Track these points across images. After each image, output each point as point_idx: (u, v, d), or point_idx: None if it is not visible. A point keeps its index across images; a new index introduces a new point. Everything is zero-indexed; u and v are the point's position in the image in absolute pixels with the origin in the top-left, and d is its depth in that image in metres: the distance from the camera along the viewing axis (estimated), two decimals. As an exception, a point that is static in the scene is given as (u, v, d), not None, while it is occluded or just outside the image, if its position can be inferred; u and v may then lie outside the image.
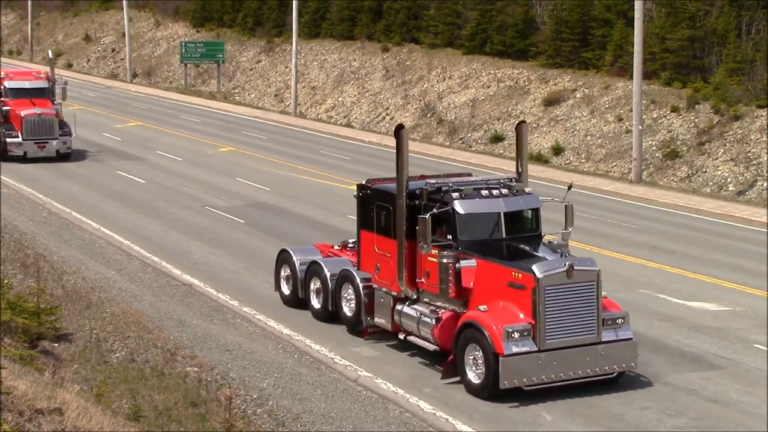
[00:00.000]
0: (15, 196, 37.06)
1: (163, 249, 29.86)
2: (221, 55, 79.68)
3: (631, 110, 46.39)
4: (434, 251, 19.51)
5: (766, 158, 43.77)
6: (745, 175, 43.88)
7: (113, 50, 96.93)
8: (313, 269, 23.09)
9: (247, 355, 20.79)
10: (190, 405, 18.01)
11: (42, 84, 45.79)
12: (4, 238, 29.53)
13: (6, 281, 23.46)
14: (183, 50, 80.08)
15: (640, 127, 44.42)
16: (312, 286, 23.13)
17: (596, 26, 56.92)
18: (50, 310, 21.76)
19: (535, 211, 20.70)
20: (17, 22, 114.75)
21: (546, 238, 20.77)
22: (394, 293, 20.75)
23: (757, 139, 45.01)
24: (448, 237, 19.66)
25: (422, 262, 20.04)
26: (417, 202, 20.10)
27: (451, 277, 19.26)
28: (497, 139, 55.98)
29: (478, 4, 64.16)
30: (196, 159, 46.98)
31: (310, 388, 19.11)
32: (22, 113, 44.17)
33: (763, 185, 42.70)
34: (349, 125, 64.52)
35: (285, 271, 24.13)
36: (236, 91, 79.51)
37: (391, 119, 64.56)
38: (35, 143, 44.54)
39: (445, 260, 19.29)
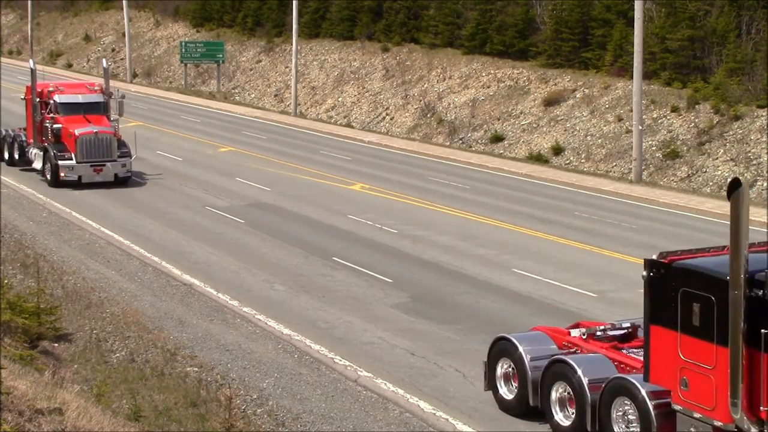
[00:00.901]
0: (15, 196, 37.07)
1: (163, 249, 29.86)
2: (221, 55, 79.68)
3: (631, 110, 46.39)
4: None
5: (766, 158, 43.78)
6: (745, 175, 43.87)
7: (113, 50, 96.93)
8: (557, 370, 16.72)
9: (247, 355, 20.79)
10: (190, 405, 18.01)
11: (97, 98, 41.02)
12: (4, 238, 29.54)
13: (6, 281, 23.47)
14: (183, 50, 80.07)
15: (640, 127, 44.41)
16: (554, 395, 16.80)
17: (596, 26, 56.93)
18: (50, 310, 21.77)
19: None
20: (17, 22, 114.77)
21: None
22: (718, 423, 14.28)
23: (757, 139, 45.02)
24: None
25: None
26: (762, 292, 13.96)
27: None
28: (497, 139, 55.98)
29: (478, 4, 64.16)
30: (196, 159, 46.97)
31: (310, 388, 19.11)
32: (77, 132, 38.86)
33: (763, 185, 42.70)
34: (349, 125, 64.52)
35: (504, 367, 17.91)
36: (236, 91, 79.51)
37: (391, 119, 64.58)
38: (91, 166, 39.15)
39: None
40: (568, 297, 25.28)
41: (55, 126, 39.33)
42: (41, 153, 40.18)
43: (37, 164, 40.70)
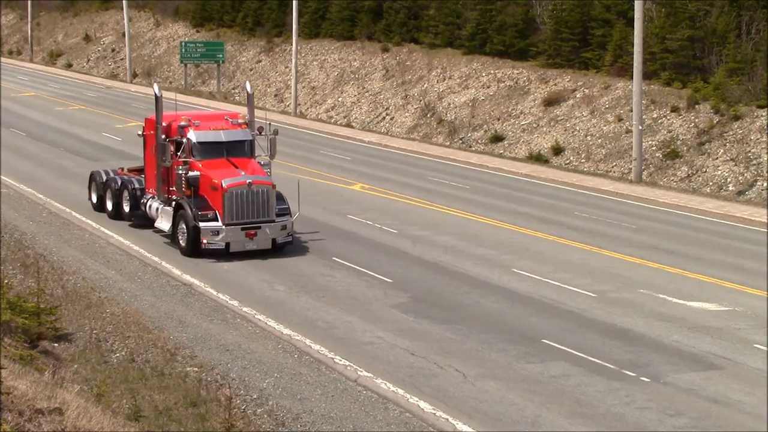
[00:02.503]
0: (15, 196, 37.05)
1: (163, 249, 29.85)
2: (221, 55, 79.68)
3: (631, 110, 46.40)
4: None
5: (766, 158, 43.78)
6: (745, 175, 43.88)
7: (113, 50, 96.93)
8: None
9: (247, 355, 20.79)
10: (190, 405, 18.01)
11: (242, 134, 30.79)
12: (4, 238, 29.54)
13: (6, 281, 23.45)
14: (183, 50, 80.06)
15: (640, 127, 44.41)
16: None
17: (596, 26, 56.93)
18: (50, 310, 21.77)
19: None
20: (17, 22, 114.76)
21: None
22: None
23: (757, 139, 45.02)
24: None
25: None
26: None
27: None
28: (497, 139, 55.99)
29: (478, 4, 64.17)
30: (196, 159, 46.87)
31: (310, 388, 19.11)
32: (224, 182, 28.75)
33: (763, 185, 42.70)
34: (349, 125, 64.52)
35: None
36: (236, 91, 79.50)
37: (391, 119, 64.57)
38: (242, 229, 28.87)
39: None
40: (568, 297, 25.28)
41: (191, 174, 29.30)
42: (168, 209, 30.13)
43: (163, 224, 30.43)
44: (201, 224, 28.69)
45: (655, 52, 51.51)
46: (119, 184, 33.25)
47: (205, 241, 28.73)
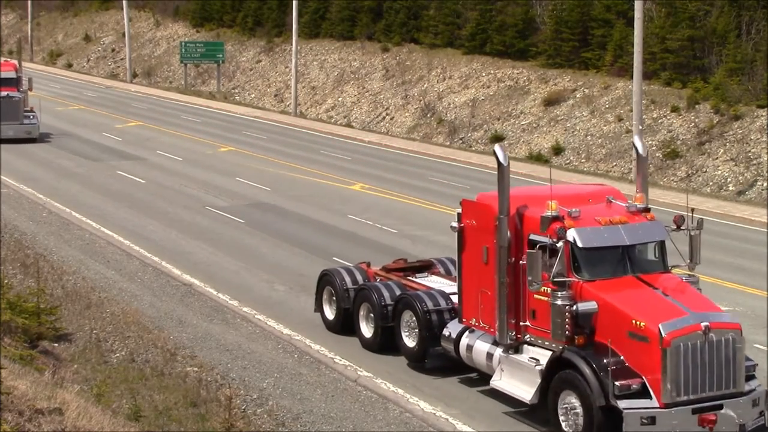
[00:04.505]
0: (15, 196, 37.05)
1: (163, 249, 29.85)
2: (221, 55, 79.69)
3: (631, 110, 46.38)
4: None
5: (766, 158, 43.78)
6: (745, 175, 43.88)
7: (113, 50, 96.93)
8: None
9: (247, 355, 20.79)
10: (190, 405, 18.02)
11: (654, 231, 18.91)
12: (4, 238, 29.54)
13: (6, 281, 23.47)
14: (183, 50, 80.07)
15: (640, 127, 44.40)
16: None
17: (596, 26, 56.92)
18: (50, 310, 21.78)
19: None
20: (17, 22, 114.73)
21: None
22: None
23: (757, 139, 45.02)
24: None
25: None
26: None
27: None
28: (497, 139, 55.96)
29: (478, 4, 64.15)
30: (196, 159, 46.96)
31: (310, 388, 19.11)
32: (663, 328, 16.29)
33: (763, 185, 42.70)
34: (349, 125, 64.52)
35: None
36: (236, 91, 79.50)
37: (391, 119, 64.58)
38: (694, 412, 16.43)
39: None
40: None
41: (584, 307, 17.00)
42: (526, 363, 17.88)
43: (515, 388, 17.96)
44: (623, 405, 16.09)
45: (655, 52, 51.50)
46: (394, 299, 20.92)
47: None
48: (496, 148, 19.38)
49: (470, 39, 64.11)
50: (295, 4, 66.69)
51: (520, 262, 17.70)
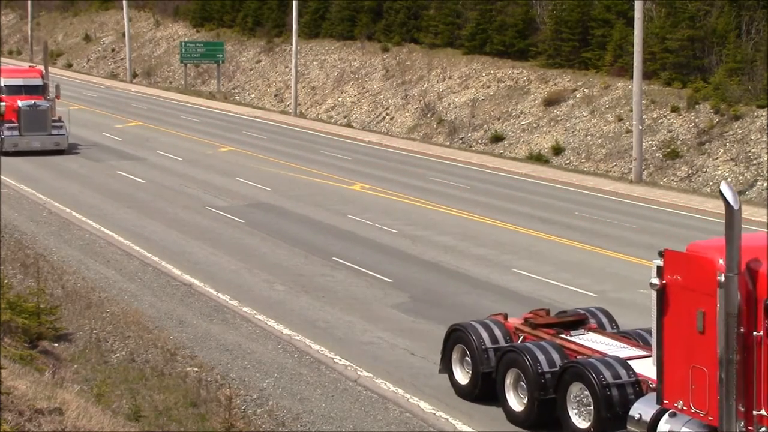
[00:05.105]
0: (15, 196, 37.04)
1: (163, 249, 29.84)
2: (221, 55, 79.70)
3: (631, 110, 46.40)
4: None
5: (766, 158, 43.79)
6: (745, 175, 43.89)
7: (113, 50, 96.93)
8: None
9: (247, 355, 20.78)
10: (190, 405, 18.01)
11: None
12: (4, 238, 29.52)
13: (6, 281, 23.45)
14: (183, 50, 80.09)
15: (640, 127, 44.42)
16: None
17: (596, 26, 56.93)
18: (50, 310, 21.77)
19: None
20: (17, 22, 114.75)
21: None
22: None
23: (757, 139, 45.03)
24: None
25: None
26: None
27: None
28: (497, 139, 55.99)
29: (478, 4, 64.17)
30: (196, 159, 46.96)
31: (310, 388, 19.10)
32: None
33: (763, 185, 42.71)
34: (349, 125, 64.52)
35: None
36: (236, 91, 79.52)
37: (391, 119, 64.58)
38: None
39: None
40: (568, 297, 25.27)
41: None
42: None
43: None
44: None
45: (655, 52, 51.51)
46: (553, 365, 16.91)
47: None
48: (723, 186, 13.10)
49: (470, 39, 64.13)
50: (295, 4, 66.70)
51: (754, 333, 13.28)
